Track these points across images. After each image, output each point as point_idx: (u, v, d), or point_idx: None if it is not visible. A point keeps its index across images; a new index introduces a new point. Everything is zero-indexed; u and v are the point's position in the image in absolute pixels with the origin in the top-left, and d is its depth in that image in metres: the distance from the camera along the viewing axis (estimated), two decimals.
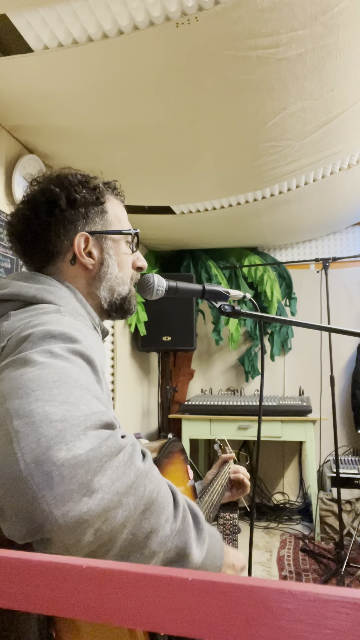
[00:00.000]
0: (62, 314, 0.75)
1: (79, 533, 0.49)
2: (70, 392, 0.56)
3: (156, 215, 3.16)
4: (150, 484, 0.56)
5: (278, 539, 3.15)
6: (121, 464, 0.53)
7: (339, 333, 0.95)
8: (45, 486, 0.48)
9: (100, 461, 0.51)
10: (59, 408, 0.53)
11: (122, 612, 0.29)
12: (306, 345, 3.87)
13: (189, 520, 0.60)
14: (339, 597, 0.25)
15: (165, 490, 0.58)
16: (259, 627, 0.26)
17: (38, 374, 0.57)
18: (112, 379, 3.32)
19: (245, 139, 2.25)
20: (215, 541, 0.67)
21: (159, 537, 0.55)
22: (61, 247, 0.89)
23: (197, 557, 0.59)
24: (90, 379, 0.63)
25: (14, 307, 0.78)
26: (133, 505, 0.53)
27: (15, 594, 0.31)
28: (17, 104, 1.93)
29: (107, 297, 0.91)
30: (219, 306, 1.00)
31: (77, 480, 0.49)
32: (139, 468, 0.55)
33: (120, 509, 0.52)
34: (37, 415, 0.52)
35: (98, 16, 1.48)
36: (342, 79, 1.86)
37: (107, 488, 0.51)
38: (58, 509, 0.48)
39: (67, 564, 0.31)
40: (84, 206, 0.89)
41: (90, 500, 0.49)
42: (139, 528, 0.53)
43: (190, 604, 0.28)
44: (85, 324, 0.82)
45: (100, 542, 0.51)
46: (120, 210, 0.97)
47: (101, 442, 0.53)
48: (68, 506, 0.48)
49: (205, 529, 0.63)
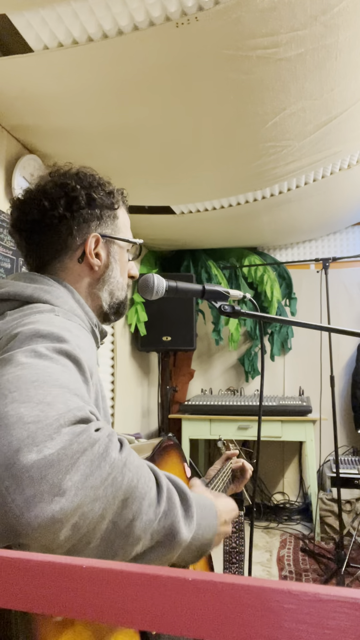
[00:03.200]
0: (56, 313, 0.75)
1: (53, 532, 0.49)
2: (48, 391, 0.56)
3: (156, 215, 3.16)
4: (128, 473, 0.56)
5: (278, 539, 3.15)
6: (95, 458, 0.53)
7: (339, 333, 0.95)
8: (14, 489, 0.48)
9: (72, 459, 0.51)
10: (34, 409, 0.53)
11: (122, 612, 0.29)
12: (306, 345, 3.87)
13: (174, 500, 0.60)
14: (339, 597, 0.25)
15: (146, 476, 0.58)
16: (259, 627, 0.26)
17: (18, 374, 0.57)
18: (112, 379, 3.32)
19: (245, 139, 2.24)
20: (207, 512, 0.67)
21: (142, 523, 0.55)
22: (71, 244, 0.89)
23: (185, 535, 0.60)
24: (75, 377, 0.63)
25: (11, 307, 0.78)
26: (111, 496, 0.53)
27: (15, 594, 0.31)
28: (17, 104, 1.93)
29: (108, 299, 0.93)
30: (219, 306, 1.00)
31: (47, 481, 0.49)
32: (114, 459, 0.55)
33: (97, 502, 0.52)
34: (11, 418, 0.52)
35: (98, 16, 1.48)
36: (342, 79, 1.86)
37: (80, 484, 0.51)
38: (29, 512, 0.48)
39: (67, 564, 0.31)
40: (100, 208, 0.91)
41: (62, 499, 0.49)
42: (120, 517, 0.54)
43: (190, 604, 0.28)
44: (80, 324, 0.82)
45: (79, 535, 0.51)
46: (127, 219, 1.00)
47: (72, 439, 0.53)
48: (39, 507, 0.48)
49: (193, 505, 0.63)
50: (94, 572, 0.30)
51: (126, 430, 3.31)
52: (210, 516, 0.68)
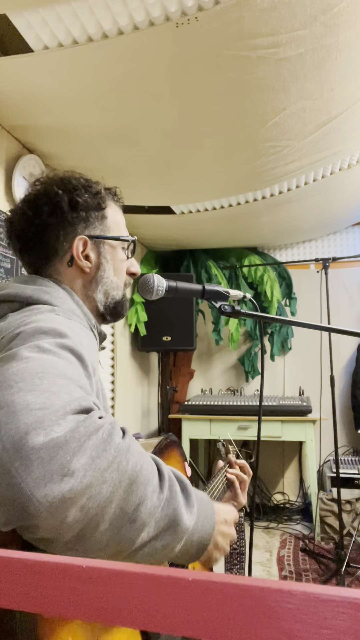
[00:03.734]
0: (56, 313, 0.77)
1: (62, 512, 0.50)
2: (53, 382, 0.58)
3: (156, 215, 3.16)
4: (132, 458, 0.57)
5: (278, 539, 3.15)
6: (100, 442, 0.55)
7: (339, 333, 0.95)
8: (24, 470, 0.49)
9: (79, 441, 0.53)
10: (40, 397, 0.55)
11: (122, 612, 0.29)
12: (306, 345, 3.87)
13: (175, 488, 0.62)
14: (339, 597, 0.25)
15: (148, 463, 0.60)
16: (259, 627, 0.26)
17: (23, 367, 0.59)
18: (112, 379, 3.32)
19: (245, 139, 2.24)
20: (205, 505, 0.68)
21: (147, 508, 0.56)
22: (60, 249, 0.90)
23: (188, 522, 0.61)
24: (78, 371, 0.65)
25: (12, 308, 0.80)
26: (117, 480, 0.54)
27: (15, 594, 0.31)
28: (17, 104, 1.93)
29: (103, 300, 0.93)
30: (219, 306, 1.00)
31: (56, 462, 0.50)
32: (118, 444, 0.56)
33: (105, 485, 0.53)
34: (17, 405, 0.54)
35: (98, 16, 1.48)
36: (342, 79, 1.86)
37: (87, 466, 0.52)
38: (39, 491, 0.49)
39: (67, 564, 0.31)
40: (85, 210, 0.90)
41: (71, 479, 0.50)
42: (127, 501, 0.55)
43: (190, 604, 0.28)
44: (80, 323, 0.83)
45: (88, 518, 0.52)
46: (120, 216, 0.99)
47: (78, 424, 0.55)
48: (49, 487, 0.49)
49: (193, 495, 0.65)
50: (94, 572, 0.30)
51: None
52: (208, 509, 0.69)
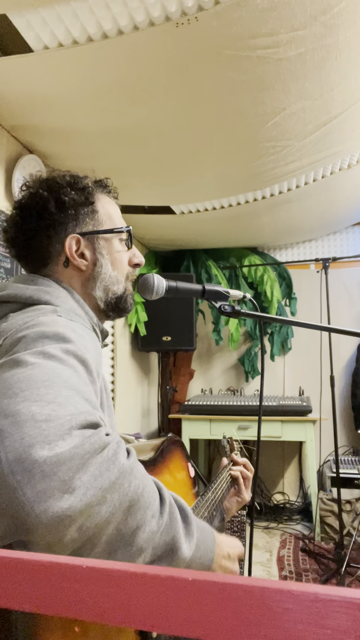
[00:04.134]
0: (58, 314, 0.76)
1: (61, 529, 0.49)
2: (58, 392, 0.57)
3: (156, 215, 3.16)
4: (135, 480, 0.56)
5: (278, 539, 3.15)
6: (104, 461, 0.54)
7: (339, 333, 0.95)
8: (26, 483, 0.48)
9: (82, 458, 0.52)
10: (45, 408, 0.54)
11: (122, 612, 0.29)
12: (306, 345, 3.87)
13: (176, 515, 0.60)
14: (339, 597, 0.25)
15: (150, 486, 0.59)
16: (259, 627, 0.26)
17: (28, 374, 0.58)
18: (112, 379, 3.32)
19: (245, 139, 2.24)
20: (206, 535, 0.66)
21: (145, 533, 0.55)
22: (53, 250, 0.89)
23: (186, 552, 0.60)
24: (83, 379, 0.64)
25: (12, 309, 0.79)
26: (118, 502, 0.53)
27: (15, 594, 0.31)
28: (17, 104, 1.93)
29: (103, 296, 0.91)
30: (219, 306, 1.00)
31: (58, 477, 0.49)
32: (122, 464, 0.55)
33: (104, 505, 0.52)
34: (22, 415, 0.53)
35: (98, 16, 1.48)
36: (342, 79, 1.86)
37: (89, 484, 0.51)
38: (39, 506, 0.48)
39: (67, 564, 0.31)
40: (73, 208, 0.89)
41: (71, 497, 0.49)
42: (125, 524, 0.54)
43: (190, 604, 0.28)
44: (82, 324, 0.82)
45: (84, 539, 0.51)
46: (112, 208, 0.96)
47: (84, 440, 0.53)
48: (49, 502, 0.48)
49: (194, 524, 0.63)
50: (94, 572, 0.30)
51: (126, 430, 3.31)
52: (208, 540, 0.67)
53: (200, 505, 0.97)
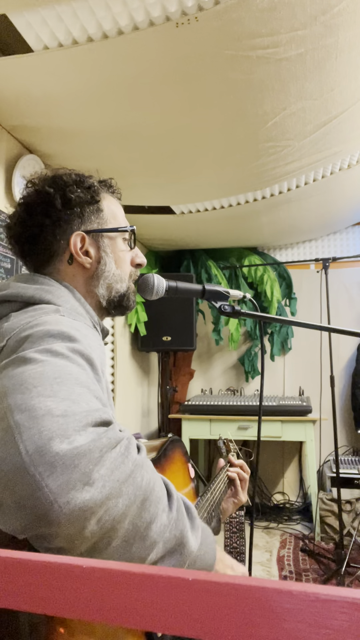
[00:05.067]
0: (61, 313, 0.76)
1: (82, 521, 0.50)
2: (71, 389, 0.58)
3: (156, 215, 3.16)
4: (147, 474, 0.57)
5: (278, 539, 3.15)
6: (119, 455, 0.55)
7: (339, 333, 0.95)
8: (48, 475, 0.49)
9: (100, 452, 0.53)
10: (61, 404, 0.55)
11: (122, 612, 0.29)
12: (306, 345, 3.87)
13: (182, 510, 0.62)
14: (339, 597, 0.25)
15: (159, 481, 0.60)
16: (259, 627, 0.26)
17: (39, 370, 0.58)
18: (112, 379, 3.32)
19: (245, 139, 2.24)
20: (207, 533, 0.68)
21: (158, 527, 0.56)
22: (58, 248, 0.89)
23: (193, 545, 0.61)
24: (91, 377, 0.64)
25: (14, 308, 0.79)
26: (133, 495, 0.54)
27: (15, 594, 0.31)
28: (17, 104, 1.93)
29: (106, 295, 0.92)
30: (219, 306, 1.00)
31: (79, 470, 0.50)
32: (135, 459, 0.57)
33: (121, 498, 0.53)
34: (39, 410, 0.53)
35: (98, 16, 1.48)
36: (342, 79, 1.86)
37: (107, 477, 0.52)
38: (62, 497, 0.49)
39: (67, 564, 0.31)
40: (79, 206, 0.89)
41: (92, 489, 0.50)
42: (139, 518, 0.55)
43: (190, 604, 0.28)
44: (84, 322, 0.82)
45: (103, 532, 0.52)
46: (117, 207, 0.97)
47: (101, 435, 0.55)
48: (72, 494, 0.49)
49: (198, 519, 0.65)
50: (94, 572, 0.30)
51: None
52: (210, 540, 0.68)
53: (200, 506, 0.97)
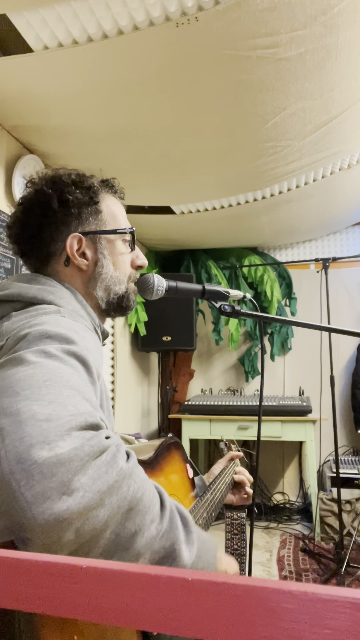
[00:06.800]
0: (62, 314, 0.75)
1: (58, 532, 0.49)
2: (59, 392, 0.56)
3: (156, 215, 3.16)
4: (134, 484, 0.55)
5: (278, 539, 3.15)
6: (103, 464, 0.53)
7: (339, 333, 0.95)
8: (25, 484, 0.48)
9: (82, 460, 0.51)
10: (46, 408, 0.54)
11: (122, 612, 0.29)
12: (306, 345, 3.87)
13: (176, 521, 0.59)
14: (339, 597, 0.25)
15: (150, 491, 0.58)
16: (259, 627, 0.26)
17: (29, 373, 0.57)
18: (112, 379, 3.32)
19: (245, 139, 2.24)
20: (207, 546, 0.65)
21: (144, 538, 0.54)
22: (55, 249, 0.89)
23: (186, 558, 0.58)
24: (84, 380, 0.63)
25: (15, 308, 0.78)
26: (116, 505, 0.52)
27: (15, 594, 0.31)
28: (17, 104, 1.93)
29: (104, 296, 0.91)
30: (219, 306, 0.99)
31: (57, 479, 0.49)
32: (121, 468, 0.55)
33: (102, 509, 0.51)
34: (23, 414, 0.52)
35: (98, 16, 1.48)
36: (342, 79, 1.86)
37: (87, 487, 0.50)
38: (36, 507, 0.48)
39: (67, 564, 0.31)
40: (76, 207, 0.88)
41: (70, 499, 0.49)
42: (123, 528, 0.53)
43: (190, 604, 0.28)
44: (85, 325, 0.82)
45: (82, 541, 0.51)
46: (117, 208, 0.96)
47: (84, 442, 0.53)
48: (47, 504, 0.48)
49: (195, 532, 0.62)
50: (94, 572, 0.30)
51: (126, 430, 3.31)
52: (210, 551, 0.65)
53: (199, 506, 0.97)
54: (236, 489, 1.24)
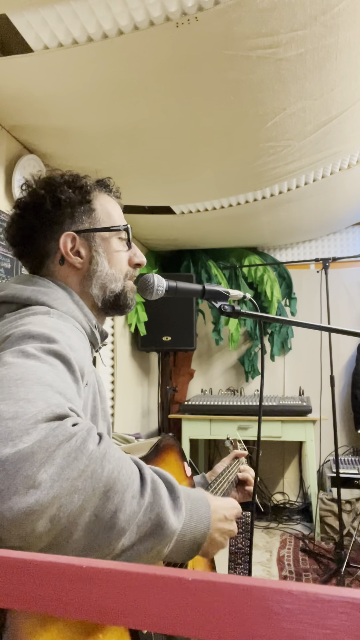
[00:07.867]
0: (50, 315, 0.76)
1: (30, 523, 0.49)
2: (30, 389, 0.57)
3: (156, 215, 3.16)
4: (108, 465, 0.56)
5: (278, 539, 3.15)
6: (72, 450, 0.53)
7: (339, 333, 0.95)
8: None
9: (47, 451, 0.52)
10: (14, 406, 0.54)
11: (122, 612, 0.29)
12: (306, 345, 3.87)
13: (160, 491, 0.60)
14: (339, 597, 0.25)
15: (128, 468, 0.58)
16: (259, 627, 0.26)
17: (2, 374, 0.58)
18: (112, 379, 3.32)
19: (245, 139, 2.24)
20: (198, 504, 0.67)
21: (126, 515, 0.55)
22: (50, 248, 0.90)
23: (174, 525, 0.60)
24: (62, 377, 0.64)
25: (10, 309, 0.79)
26: (90, 488, 0.53)
27: (15, 594, 0.31)
28: (17, 104, 1.93)
29: (100, 295, 0.91)
30: (219, 306, 0.99)
31: (21, 474, 0.49)
32: (91, 451, 0.55)
33: (76, 494, 0.52)
34: None
35: (98, 16, 1.48)
36: (342, 79, 1.86)
37: (56, 476, 0.51)
38: (4, 504, 0.48)
39: (67, 564, 0.31)
40: (69, 206, 0.89)
41: (37, 492, 0.49)
42: (102, 509, 0.54)
43: (190, 604, 0.28)
44: (74, 325, 0.81)
45: (60, 527, 0.51)
46: (112, 206, 0.96)
47: (48, 433, 0.53)
48: (14, 500, 0.49)
49: (181, 496, 0.63)
50: (94, 572, 0.30)
51: (126, 430, 3.31)
52: (201, 508, 0.67)
53: None
54: (241, 486, 1.25)
